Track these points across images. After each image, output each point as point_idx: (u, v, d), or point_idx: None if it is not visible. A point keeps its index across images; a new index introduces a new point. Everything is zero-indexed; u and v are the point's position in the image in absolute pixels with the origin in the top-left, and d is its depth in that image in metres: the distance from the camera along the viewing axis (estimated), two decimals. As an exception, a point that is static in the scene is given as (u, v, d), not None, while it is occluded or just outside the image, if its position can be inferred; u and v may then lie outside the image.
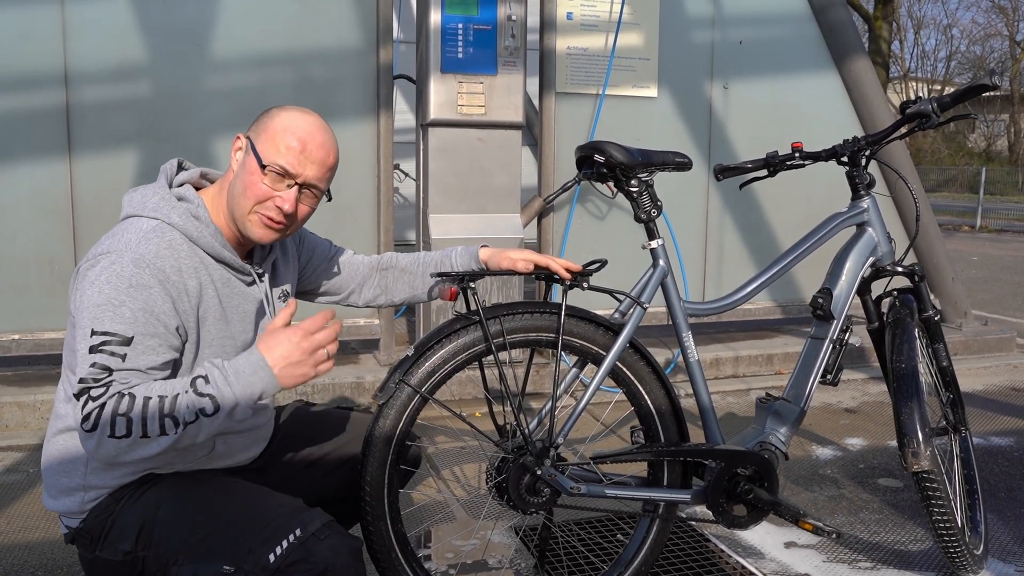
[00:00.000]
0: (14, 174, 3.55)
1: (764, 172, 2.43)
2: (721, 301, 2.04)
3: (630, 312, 1.91)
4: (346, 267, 1.88)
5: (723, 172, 2.24)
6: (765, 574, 2.29)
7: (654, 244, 1.96)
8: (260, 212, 1.52)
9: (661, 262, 1.96)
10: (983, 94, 2.08)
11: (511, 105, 3.89)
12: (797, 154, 2.18)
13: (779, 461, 2.05)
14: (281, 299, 1.71)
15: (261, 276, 1.64)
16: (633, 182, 1.93)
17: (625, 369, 1.88)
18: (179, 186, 1.57)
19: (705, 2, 4.50)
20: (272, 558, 1.38)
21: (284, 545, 1.38)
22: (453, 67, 3.79)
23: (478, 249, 1.89)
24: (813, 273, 4.66)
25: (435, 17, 3.74)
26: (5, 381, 3.70)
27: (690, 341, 1.98)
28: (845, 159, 2.21)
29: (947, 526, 2.10)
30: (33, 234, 3.59)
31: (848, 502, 2.80)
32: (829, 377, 2.12)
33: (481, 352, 1.75)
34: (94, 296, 1.40)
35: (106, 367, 1.37)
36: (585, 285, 1.82)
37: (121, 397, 1.35)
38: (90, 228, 3.64)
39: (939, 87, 33.83)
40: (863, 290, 2.26)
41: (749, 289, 2.07)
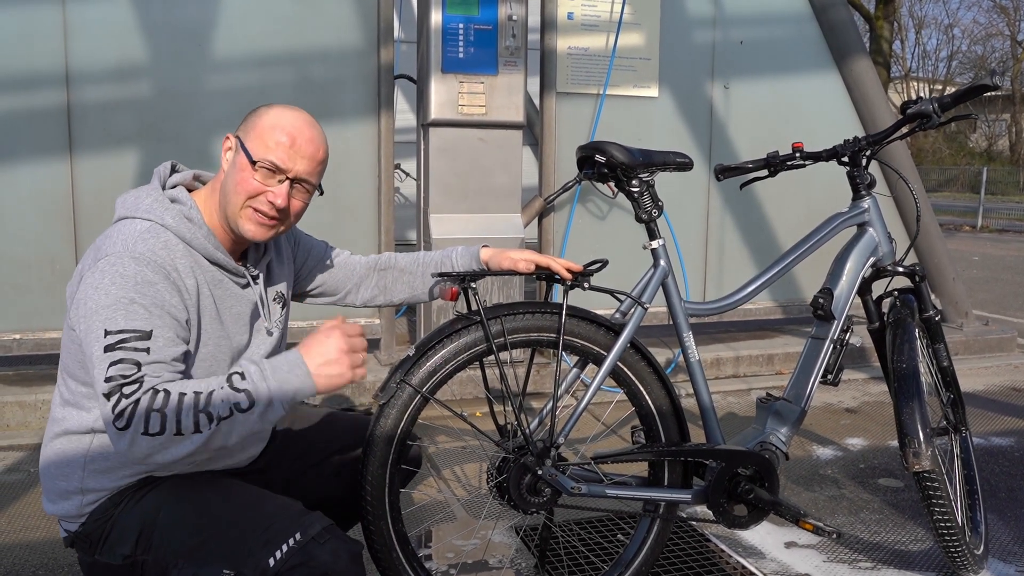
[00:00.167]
0: (15, 174, 3.55)
1: (765, 172, 2.42)
2: (722, 301, 2.04)
3: (631, 312, 1.91)
4: (342, 268, 1.88)
5: (724, 172, 2.24)
6: (766, 574, 2.29)
7: (655, 244, 1.96)
8: (252, 208, 1.52)
9: (662, 262, 1.96)
10: (984, 94, 2.08)
11: (512, 105, 3.89)
12: (798, 154, 2.18)
13: (780, 461, 2.05)
14: (276, 301, 1.70)
15: (256, 278, 1.64)
16: (634, 182, 1.93)
17: (626, 369, 1.88)
18: (172, 188, 1.57)
19: (706, 2, 4.50)
20: (272, 562, 1.38)
21: (284, 549, 1.38)
22: (454, 67, 3.79)
23: (479, 249, 1.89)
24: (814, 273, 4.66)
25: (436, 17, 3.74)
26: (6, 380, 3.71)
27: (691, 341, 1.98)
28: (846, 159, 2.20)
29: (948, 526, 2.10)
30: (34, 234, 3.60)
31: (849, 502, 2.80)
32: (830, 377, 2.12)
33: (482, 352, 1.75)
34: (100, 299, 1.39)
35: (135, 362, 1.36)
36: (586, 285, 1.82)
37: (155, 393, 1.33)
38: (91, 228, 3.64)
39: (940, 87, 33.81)
40: (864, 290, 2.26)
41: (750, 289, 2.07)
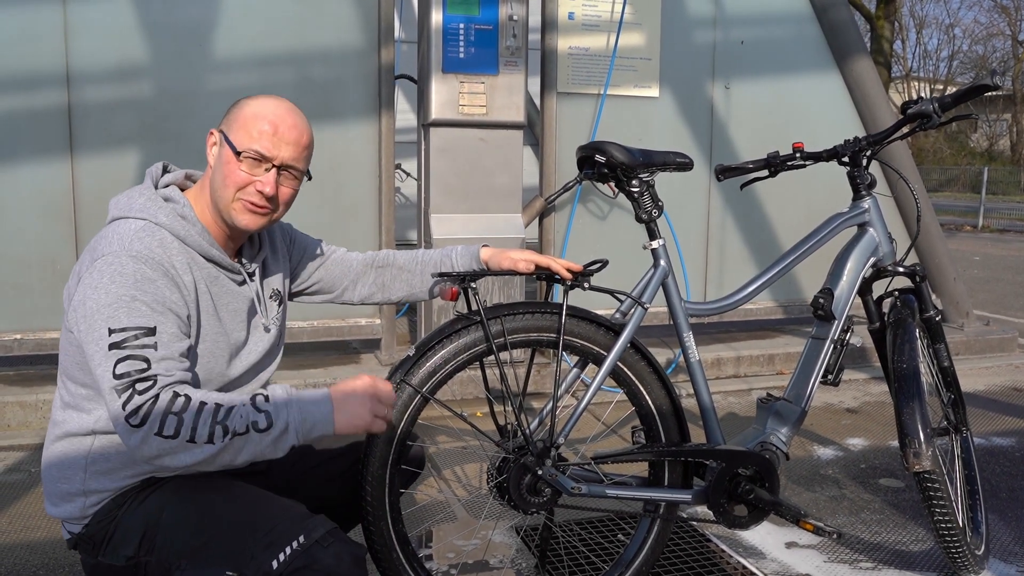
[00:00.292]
0: (16, 174, 3.55)
1: (765, 172, 2.42)
2: (722, 301, 2.04)
3: (631, 312, 1.91)
4: (338, 265, 1.88)
5: (724, 172, 2.24)
6: (766, 574, 2.29)
7: (655, 244, 1.96)
8: (243, 199, 1.52)
9: (662, 262, 1.96)
10: (985, 94, 2.08)
11: (512, 105, 3.89)
12: (798, 154, 2.18)
13: (780, 461, 2.05)
14: (273, 299, 1.71)
15: (252, 275, 1.65)
16: (634, 182, 1.93)
17: (626, 369, 1.88)
18: (165, 187, 1.58)
19: (707, 2, 4.50)
20: (275, 564, 1.38)
21: (287, 552, 1.38)
22: (455, 67, 3.79)
23: (479, 249, 1.89)
24: (814, 273, 4.65)
25: (437, 17, 3.74)
26: (7, 381, 3.71)
27: (691, 341, 1.98)
28: (846, 159, 2.20)
29: (948, 526, 2.10)
30: (35, 234, 3.60)
31: (849, 502, 2.80)
32: (830, 377, 2.12)
33: (482, 352, 1.75)
34: (101, 298, 1.39)
35: (143, 358, 1.37)
36: (586, 285, 1.82)
37: (176, 396, 1.35)
38: (92, 228, 3.64)
39: (941, 87, 33.78)
40: (864, 290, 2.26)
41: (750, 289, 2.06)
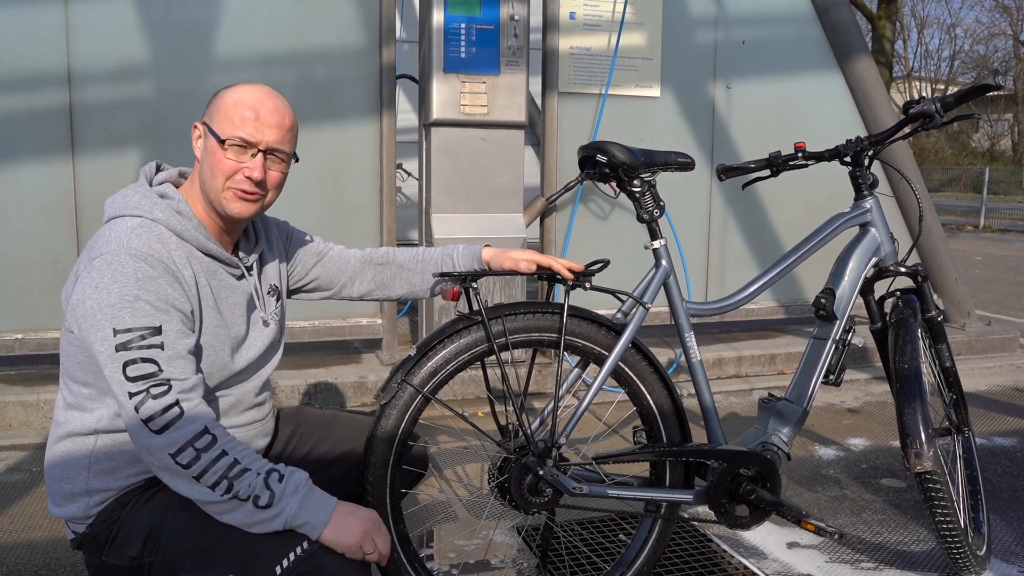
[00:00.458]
0: (17, 174, 3.56)
1: (767, 172, 2.43)
2: (724, 301, 2.04)
3: (632, 312, 1.91)
4: (335, 261, 1.88)
5: (726, 172, 2.24)
6: (767, 574, 2.29)
7: (656, 244, 1.96)
8: (232, 188, 1.53)
9: (663, 262, 1.96)
10: (987, 94, 2.07)
11: (514, 105, 3.89)
12: (800, 154, 2.18)
13: (781, 461, 2.05)
14: (271, 294, 1.71)
15: (250, 269, 1.65)
16: (636, 182, 1.92)
17: (627, 369, 1.88)
18: (159, 185, 1.58)
19: (708, 2, 4.50)
20: (279, 569, 1.38)
21: (292, 557, 1.39)
22: (456, 67, 3.79)
23: (480, 249, 1.89)
24: (816, 273, 4.66)
25: (438, 17, 3.74)
26: (8, 380, 3.71)
27: (692, 341, 1.98)
28: (848, 159, 2.20)
29: (950, 527, 2.09)
30: (36, 234, 3.60)
31: (851, 502, 2.80)
32: (832, 377, 2.12)
33: (483, 352, 1.75)
34: (102, 298, 1.39)
35: (152, 360, 1.38)
36: (587, 285, 1.82)
37: (205, 433, 1.38)
38: (93, 228, 3.64)
39: (942, 87, 33.76)
40: (866, 290, 2.25)
41: (752, 289, 2.06)
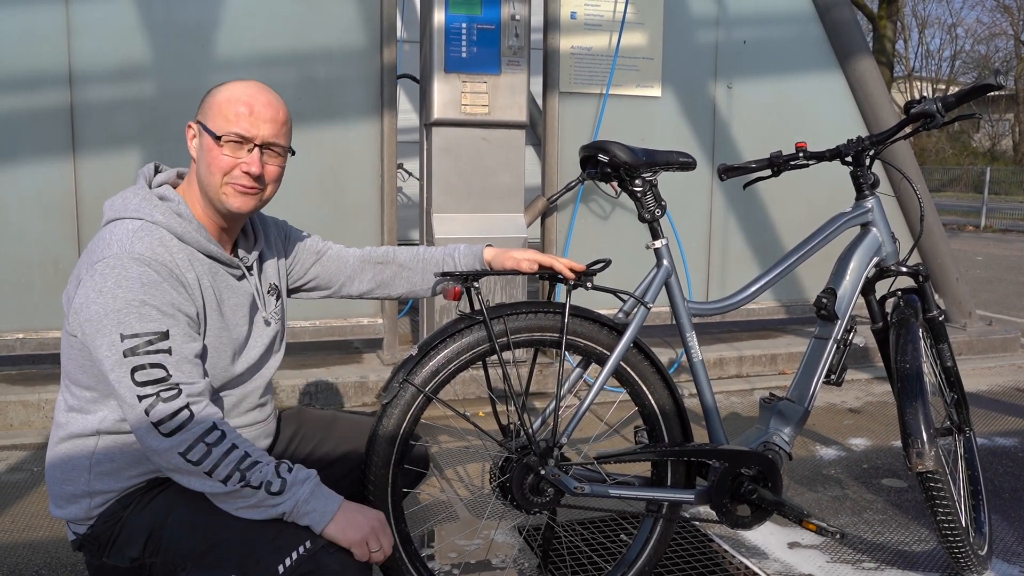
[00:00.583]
0: (18, 174, 3.56)
1: (768, 172, 2.42)
2: (725, 301, 2.04)
3: (634, 312, 1.91)
4: (334, 261, 1.88)
5: (727, 172, 2.24)
6: (769, 574, 2.29)
7: (658, 244, 1.95)
8: (231, 183, 1.54)
9: (665, 262, 1.96)
10: (988, 94, 2.07)
11: (515, 104, 3.89)
12: (801, 154, 2.18)
13: (783, 461, 2.05)
14: (271, 293, 1.71)
15: (250, 269, 1.65)
16: (637, 182, 1.92)
17: (629, 369, 1.88)
18: (158, 187, 1.59)
19: (709, 2, 4.49)
20: (281, 569, 1.38)
21: (294, 557, 1.39)
22: (457, 67, 3.79)
23: (482, 248, 1.89)
24: (817, 273, 4.66)
25: (439, 17, 3.74)
26: (9, 380, 3.71)
27: (694, 341, 1.98)
28: (849, 159, 2.20)
29: (951, 527, 2.09)
30: (37, 234, 3.60)
31: (852, 502, 2.80)
32: (833, 377, 2.12)
33: (485, 352, 1.75)
34: (108, 303, 1.39)
35: (160, 365, 1.39)
36: (589, 285, 1.82)
37: (214, 429, 1.39)
38: (94, 228, 3.65)
39: (943, 87, 33.75)
40: (867, 290, 2.25)
41: (753, 289, 2.06)
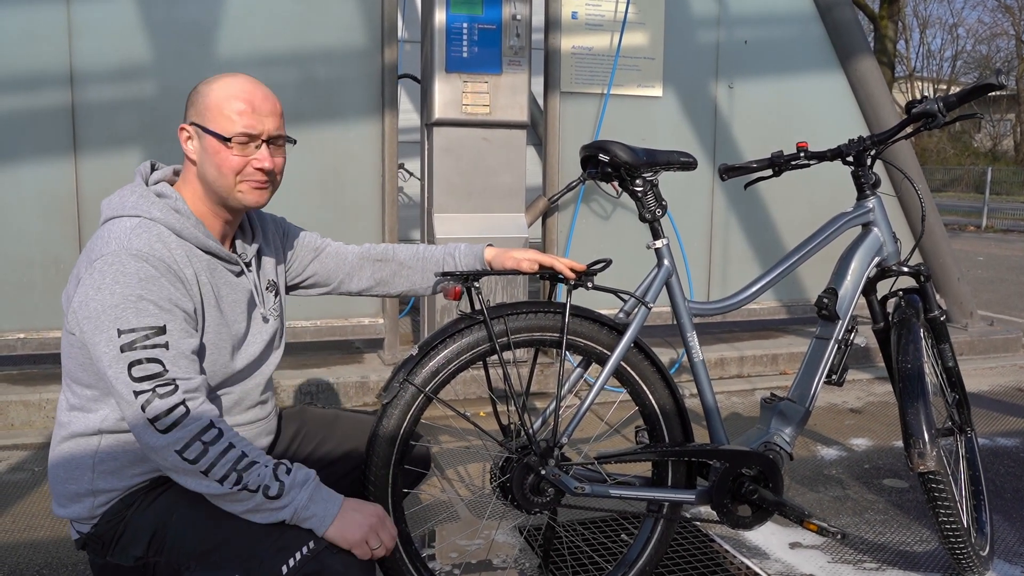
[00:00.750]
0: (19, 174, 3.56)
1: (769, 172, 2.42)
2: (726, 301, 2.04)
3: (634, 312, 1.91)
4: (333, 258, 1.88)
5: (728, 172, 2.23)
6: (770, 575, 2.29)
7: (659, 244, 1.95)
8: (246, 181, 1.54)
9: (666, 262, 1.96)
10: (989, 93, 2.07)
11: (516, 104, 3.89)
12: (802, 154, 2.18)
13: (784, 461, 2.05)
14: (269, 290, 1.71)
15: (248, 265, 1.65)
16: (638, 182, 1.92)
17: (629, 369, 1.88)
18: (155, 184, 1.58)
19: (710, 2, 4.49)
20: (285, 569, 1.38)
21: (297, 557, 1.39)
22: (458, 66, 3.79)
23: (483, 248, 1.89)
24: (818, 273, 4.66)
25: (440, 17, 3.74)
26: (10, 380, 3.71)
27: (695, 341, 1.98)
28: (850, 159, 2.20)
29: (953, 527, 2.09)
30: (38, 234, 3.60)
31: (853, 503, 2.79)
32: (834, 377, 2.12)
33: (485, 352, 1.75)
34: (105, 299, 1.39)
35: (157, 360, 1.38)
36: (590, 285, 1.82)
37: (211, 427, 1.39)
38: (94, 228, 3.62)
39: (945, 87, 33.73)
40: (868, 290, 2.25)
41: (754, 289, 2.06)
